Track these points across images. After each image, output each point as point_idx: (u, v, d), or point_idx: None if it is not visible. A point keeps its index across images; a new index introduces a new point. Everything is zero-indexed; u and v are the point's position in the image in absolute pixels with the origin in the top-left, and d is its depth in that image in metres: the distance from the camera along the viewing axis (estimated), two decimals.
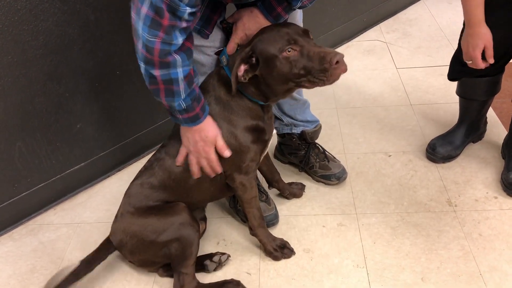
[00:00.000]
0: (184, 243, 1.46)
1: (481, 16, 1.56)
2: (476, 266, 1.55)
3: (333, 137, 2.21)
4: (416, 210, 1.78)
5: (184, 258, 1.48)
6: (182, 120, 1.36)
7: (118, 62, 1.93)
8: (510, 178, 1.78)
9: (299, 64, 1.28)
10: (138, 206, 1.50)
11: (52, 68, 1.75)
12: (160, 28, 1.15)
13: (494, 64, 1.76)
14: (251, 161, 1.50)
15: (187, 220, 1.47)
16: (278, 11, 1.41)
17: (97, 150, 2.05)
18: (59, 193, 2.01)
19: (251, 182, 1.54)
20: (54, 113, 1.84)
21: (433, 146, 1.99)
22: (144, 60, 1.22)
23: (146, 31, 1.16)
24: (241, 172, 1.50)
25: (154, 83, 1.27)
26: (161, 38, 1.16)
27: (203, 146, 1.40)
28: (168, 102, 1.31)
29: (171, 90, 1.27)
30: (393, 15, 3.25)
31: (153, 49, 1.18)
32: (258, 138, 1.49)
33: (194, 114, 1.35)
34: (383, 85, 2.55)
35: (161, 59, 1.20)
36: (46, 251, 1.79)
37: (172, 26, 1.16)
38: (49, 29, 1.67)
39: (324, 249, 1.67)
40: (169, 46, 1.19)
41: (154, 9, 1.13)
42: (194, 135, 1.39)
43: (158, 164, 1.52)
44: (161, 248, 1.47)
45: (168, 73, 1.24)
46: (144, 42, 1.17)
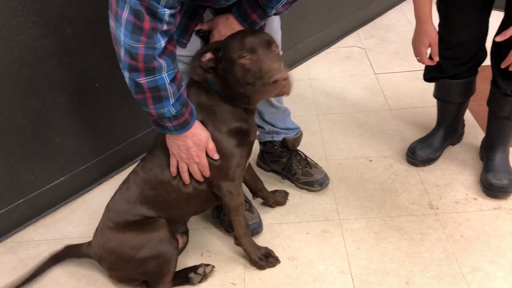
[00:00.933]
0: (162, 260, 1.45)
1: (429, 14, 1.66)
2: (458, 268, 1.57)
3: (314, 143, 2.22)
4: (398, 214, 1.80)
5: (162, 275, 1.46)
6: (172, 128, 1.34)
7: (97, 75, 1.91)
8: (488, 179, 1.81)
9: (251, 73, 1.31)
10: (118, 221, 1.48)
11: (28, 83, 1.72)
12: (142, 32, 1.14)
13: (466, 64, 1.80)
14: (237, 167, 1.49)
15: (166, 236, 1.46)
16: (253, 18, 1.42)
17: (77, 164, 2.02)
18: (39, 209, 1.97)
19: (238, 189, 1.54)
20: (32, 128, 1.81)
21: (413, 149, 2.01)
22: (128, 68, 1.20)
23: (128, 37, 1.14)
24: (227, 179, 1.49)
25: (141, 92, 1.25)
26: (144, 43, 1.15)
27: (196, 151, 1.39)
28: (157, 109, 1.28)
29: (158, 96, 1.26)
30: (370, 21, 3.30)
31: (137, 54, 1.16)
32: (243, 141, 1.48)
33: (184, 120, 1.34)
34: (362, 91, 2.57)
35: (146, 65, 1.19)
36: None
37: (153, 28, 1.14)
38: (24, 43, 1.65)
39: (308, 257, 1.67)
40: (153, 50, 1.17)
41: (134, 12, 1.11)
42: (186, 141, 1.38)
43: (133, 178, 1.51)
44: (139, 265, 1.45)
45: (154, 79, 1.22)
46: (127, 48, 1.16)
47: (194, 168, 1.44)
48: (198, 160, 1.42)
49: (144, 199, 1.49)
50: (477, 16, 1.70)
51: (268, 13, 1.42)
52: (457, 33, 1.74)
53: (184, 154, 1.40)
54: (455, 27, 1.73)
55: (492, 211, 1.77)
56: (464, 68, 1.82)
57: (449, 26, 1.75)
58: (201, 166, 1.44)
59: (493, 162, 1.86)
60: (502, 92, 1.73)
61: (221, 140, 1.45)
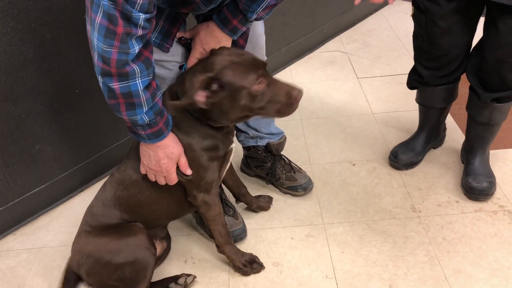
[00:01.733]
0: (138, 266, 1.42)
1: None
2: (441, 270, 1.59)
3: (298, 148, 2.22)
4: (381, 218, 1.80)
5: (137, 282, 1.44)
6: (145, 136, 1.31)
7: (77, 80, 1.88)
8: (469, 182, 1.84)
9: (265, 97, 1.31)
10: (95, 225, 1.46)
11: (7, 89, 1.69)
12: (115, 37, 1.11)
13: (451, 76, 1.82)
14: (210, 179, 1.47)
15: (144, 242, 1.44)
16: (234, 24, 1.41)
17: (58, 171, 1.99)
18: (19, 217, 1.94)
19: (213, 200, 1.52)
20: (11, 135, 1.77)
21: (395, 153, 2.03)
22: (101, 73, 1.18)
23: (101, 41, 1.12)
24: (201, 190, 1.48)
25: (113, 97, 1.22)
26: (117, 48, 1.13)
27: (166, 164, 1.36)
28: (130, 116, 1.26)
29: (131, 103, 1.23)
30: (352, 26, 3.33)
31: (109, 59, 1.14)
32: (213, 156, 1.45)
33: (158, 129, 1.31)
34: (345, 95, 2.59)
35: (118, 70, 1.16)
36: (6, 278, 1.72)
37: (127, 33, 1.12)
38: (2, 49, 1.62)
39: (293, 262, 1.67)
40: (126, 55, 1.15)
41: (107, 17, 1.09)
42: (158, 152, 1.35)
43: (109, 180, 1.50)
44: (115, 271, 1.42)
45: (128, 85, 1.20)
46: (100, 53, 1.14)
47: (161, 181, 1.41)
48: (167, 174, 1.39)
49: (118, 201, 1.48)
50: (463, 23, 1.67)
51: (249, 18, 1.41)
52: (440, 45, 1.72)
53: (154, 166, 1.37)
54: (437, 39, 1.71)
55: (473, 213, 1.79)
56: (448, 79, 1.84)
57: (430, 38, 1.72)
58: (168, 180, 1.41)
59: (473, 166, 1.88)
60: (482, 101, 1.75)
61: (192, 153, 1.42)
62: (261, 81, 1.30)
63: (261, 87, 1.30)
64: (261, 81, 1.30)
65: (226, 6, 1.41)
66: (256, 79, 1.29)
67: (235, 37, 1.46)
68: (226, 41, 1.45)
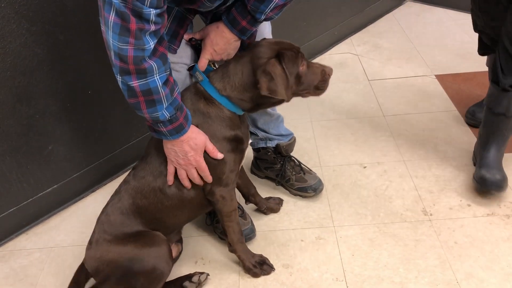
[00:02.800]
0: (154, 276, 1.43)
1: None
2: (453, 274, 1.57)
3: (308, 150, 2.22)
4: (392, 221, 1.80)
5: None
6: (167, 133, 1.33)
7: (89, 81, 1.90)
8: (482, 174, 1.82)
9: (307, 77, 1.43)
10: (115, 233, 1.45)
11: (21, 90, 1.71)
12: (129, 34, 1.13)
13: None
14: (230, 172, 1.49)
15: (165, 254, 1.44)
16: (242, 25, 1.42)
17: (70, 171, 2.01)
18: (31, 217, 1.96)
19: (231, 195, 1.53)
20: (24, 135, 1.79)
21: (473, 112, 2.19)
22: (119, 72, 1.20)
23: (116, 39, 1.14)
24: (221, 184, 1.49)
25: (133, 96, 1.24)
26: (132, 44, 1.14)
27: (194, 155, 1.38)
28: (151, 113, 1.27)
29: (151, 100, 1.25)
30: (363, 28, 3.32)
31: (126, 56, 1.16)
32: (237, 148, 1.48)
33: (179, 124, 1.32)
34: (355, 97, 2.58)
35: (136, 66, 1.18)
36: (18, 277, 1.74)
37: (141, 29, 1.14)
38: (17, 51, 1.64)
39: (303, 264, 1.67)
40: (142, 52, 1.17)
41: (119, 14, 1.11)
42: (183, 146, 1.37)
43: (124, 188, 1.49)
44: (132, 278, 1.42)
45: (146, 82, 1.21)
46: (116, 51, 1.15)
47: (193, 173, 1.43)
48: (196, 165, 1.41)
49: (137, 209, 1.48)
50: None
51: (258, 19, 1.42)
52: None
53: (182, 160, 1.39)
54: None
55: (485, 217, 1.77)
56: None
57: None
58: (200, 171, 1.43)
59: (487, 159, 1.87)
60: (501, 87, 1.76)
61: (216, 145, 1.44)
62: (304, 62, 1.41)
63: (304, 69, 1.41)
64: (304, 62, 1.41)
65: (235, 7, 1.42)
66: (302, 62, 1.40)
67: (245, 37, 1.47)
68: (235, 42, 1.47)
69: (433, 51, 2.94)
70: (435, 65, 2.79)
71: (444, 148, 2.13)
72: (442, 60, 2.83)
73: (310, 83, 1.44)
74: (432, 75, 2.69)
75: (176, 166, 1.42)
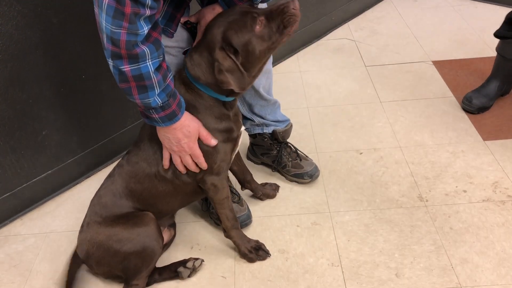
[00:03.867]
0: (145, 255, 1.43)
1: None
2: (448, 260, 1.58)
3: (304, 136, 2.21)
4: (388, 207, 1.80)
5: (140, 271, 1.45)
6: (159, 120, 1.31)
7: (84, 66, 1.88)
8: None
9: (271, 29, 1.32)
10: (105, 215, 1.46)
11: (13, 74, 1.69)
12: (123, 18, 1.10)
13: None
14: (221, 161, 1.48)
15: (154, 233, 1.44)
16: None
17: (64, 157, 1.99)
18: (26, 202, 1.94)
19: (222, 183, 1.52)
20: (17, 120, 1.77)
21: (470, 98, 2.22)
22: (111, 55, 1.17)
23: (110, 22, 1.11)
24: (212, 173, 1.48)
25: (125, 81, 1.21)
26: (126, 29, 1.12)
27: (187, 143, 1.37)
28: (142, 99, 1.25)
29: (143, 85, 1.22)
30: (361, 14, 3.29)
31: (119, 41, 1.13)
32: (228, 138, 1.47)
33: (171, 112, 1.30)
34: (352, 83, 2.57)
35: (128, 51, 1.15)
36: (13, 263, 1.73)
37: (135, 14, 1.11)
38: (8, 33, 1.61)
39: (299, 249, 1.67)
40: (135, 36, 1.14)
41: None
42: (176, 133, 1.35)
43: (118, 171, 1.49)
44: (123, 260, 1.43)
45: (138, 67, 1.19)
46: (109, 34, 1.13)
47: (187, 160, 1.41)
48: (191, 152, 1.40)
49: (130, 193, 1.48)
50: None
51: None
52: None
53: (176, 147, 1.38)
54: None
55: (481, 203, 1.77)
56: None
57: None
58: (194, 158, 1.42)
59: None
60: None
61: None
62: (259, 20, 1.31)
63: (262, 25, 1.31)
64: (258, 20, 1.31)
65: None
66: (254, 22, 1.30)
67: None
68: None
69: (431, 37, 2.92)
70: (432, 51, 2.77)
71: (440, 134, 2.13)
72: (440, 46, 2.82)
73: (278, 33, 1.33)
74: (429, 61, 2.67)
75: (171, 152, 1.41)
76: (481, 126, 2.14)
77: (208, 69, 1.35)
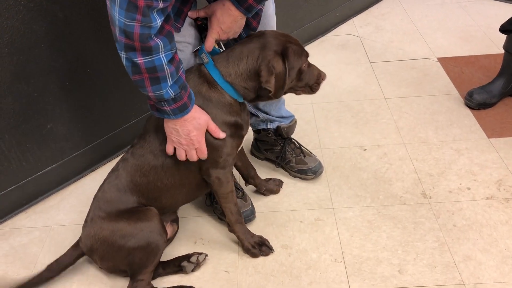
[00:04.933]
0: (149, 250, 1.44)
1: None
2: (451, 257, 1.58)
3: (308, 132, 2.21)
4: (392, 203, 1.80)
5: (145, 266, 1.46)
6: (170, 112, 1.31)
7: (89, 60, 1.88)
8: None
9: (306, 76, 1.47)
10: (109, 210, 1.46)
11: (19, 68, 1.69)
12: (137, 10, 1.11)
13: None
14: (227, 156, 1.48)
15: (158, 227, 1.45)
16: (249, 3, 1.40)
17: (69, 151, 2.00)
18: (31, 195, 1.96)
19: (227, 177, 1.53)
20: (23, 114, 1.78)
21: (471, 93, 2.22)
22: (124, 48, 1.17)
23: (123, 15, 1.11)
24: (217, 167, 1.49)
25: (138, 73, 1.22)
26: (139, 21, 1.12)
27: (197, 135, 1.37)
28: (155, 91, 1.25)
29: (156, 77, 1.23)
30: (366, 10, 3.28)
31: (132, 33, 1.13)
32: (235, 133, 1.48)
33: (182, 103, 1.31)
34: (357, 79, 2.56)
35: (142, 44, 1.16)
36: (18, 255, 1.74)
37: (149, 6, 1.11)
38: (14, 27, 1.62)
39: (302, 245, 1.67)
40: (148, 29, 1.15)
41: None
42: (186, 125, 1.35)
43: (123, 165, 1.49)
44: (127, 255, 1.44)
45: (152, 60, 1.19)
46: (122, 27, 1.13)
47: (192, 155, 1.42)
48: (198, 145, 1.40)
49: (135, 187, 1.48)
50: None
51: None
52: None
53: (184, 140, 1.38)
54: None
55: (484, 200, 1.77)
56: None
57: None
58: (199, 152, 1.42)
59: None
60: None
61: None
62: (306, 61, 1.46)
63: (305, 66, 1.46)
64: (306, 61, 1.45)
65: None
66: (305, 59, 1.45)
67: (250, 15, 1.45)
68: (241, 20, 1.45)
69: (436, 33, 2.91)
70: (437, 47, 2.76)
71: (444, 131, 2.12)
72: (445, 42, 2.81)
73: (307, 81, 1.49)
74: (434, 58, 2.67)
75: (177, 146, 1.41)
76: (486, 124, 2.14)
77: (248, 67, 1.40)
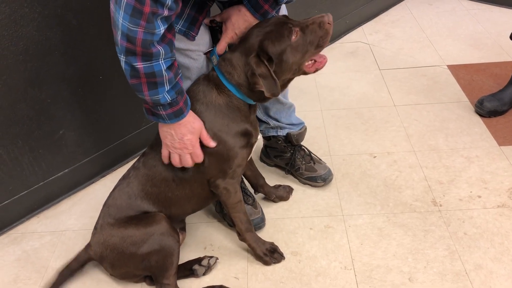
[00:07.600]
0: (164, 253, 1.44)
1: None
2: (461, 265, 1.57)
3: (318, 139, 2.21)
4: (402, 211, 1.79)
5: (165, 269, 1.46)
6: (166, 116, 1.32)
7: (101, 67, 1.90)
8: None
9: (306, 41, 1.38)
10: (118, 217, 1.47)
11: (33, 74, 1.72)
12: (141, 16, 1.12)
13: None
14: (237, 167, 1.49)
15: (167, 229, 1.45)
16: (265, 8, 1.42)
17: (80, 156, 2.02)
18: (43, 200, 1.98)
19: (235, 187, 1.53)
20: (36, 120, 1.80)
21: (481, 101, 2.21)
22: (124, 52, 1.18)
23: (127, 20, 1.12)
24: (226, 177, 1.49)
25: (136, 77, 1.23)
26: (143, 27, 1.13)
27: (190, 139, 1.37)
28: (152, 96, 1.26)
29: (154, 82, 1.24)
30: (375, 17, 3.29)
31: (135, 39, 1.15)
32: (247, 143, 1.48)
33: (178, 109, 1.32)
34: (366, 86, 2.56)
35: (144, 49, 1.17)
36: (30, 260, 1.76)
37: (154, 13, 1.12)
38: (29, 35, 1.64)
39: (311, 252, 1.67)
40: (151, 36, 1.16)
41: None
42: (181, 129, 1.36)
43: (134, 174, 1.50)
44: (142, 260, 1.44)
45: (151, 65, 1.20)
46: (125, 31, 1.14)
47: (187, 160, 1.41)
48: (192, 150, 1.39)
49: (146, 196, 1.49)
50: None
51: (280, 2, 1.42)
52: None
53: (178, 144, 1.37)
54: None
55: (496, 209, 1.76)
56: None
57: None
58: (194, 156, 1.41)
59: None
60: None
61: (227, 140, 1.44)
62: (295, 31, 1.36)
63: (297, 36, 1.37)
64: (294, 31, 1.36)
65: None
66: (290, 33, 1.36)
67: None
68: None
69: (446, 41, 2.91)
70: (447, 55, 2.76)
71: (454, 139, 2.12)
72: (454, 50, 2.80)
73: (311, 46, 1.39)
74: (444, 65, 2.66)
75: (171, 150, 1.40)
76: (497, 131, 2.13)
77: (242, 71, 1.39)
